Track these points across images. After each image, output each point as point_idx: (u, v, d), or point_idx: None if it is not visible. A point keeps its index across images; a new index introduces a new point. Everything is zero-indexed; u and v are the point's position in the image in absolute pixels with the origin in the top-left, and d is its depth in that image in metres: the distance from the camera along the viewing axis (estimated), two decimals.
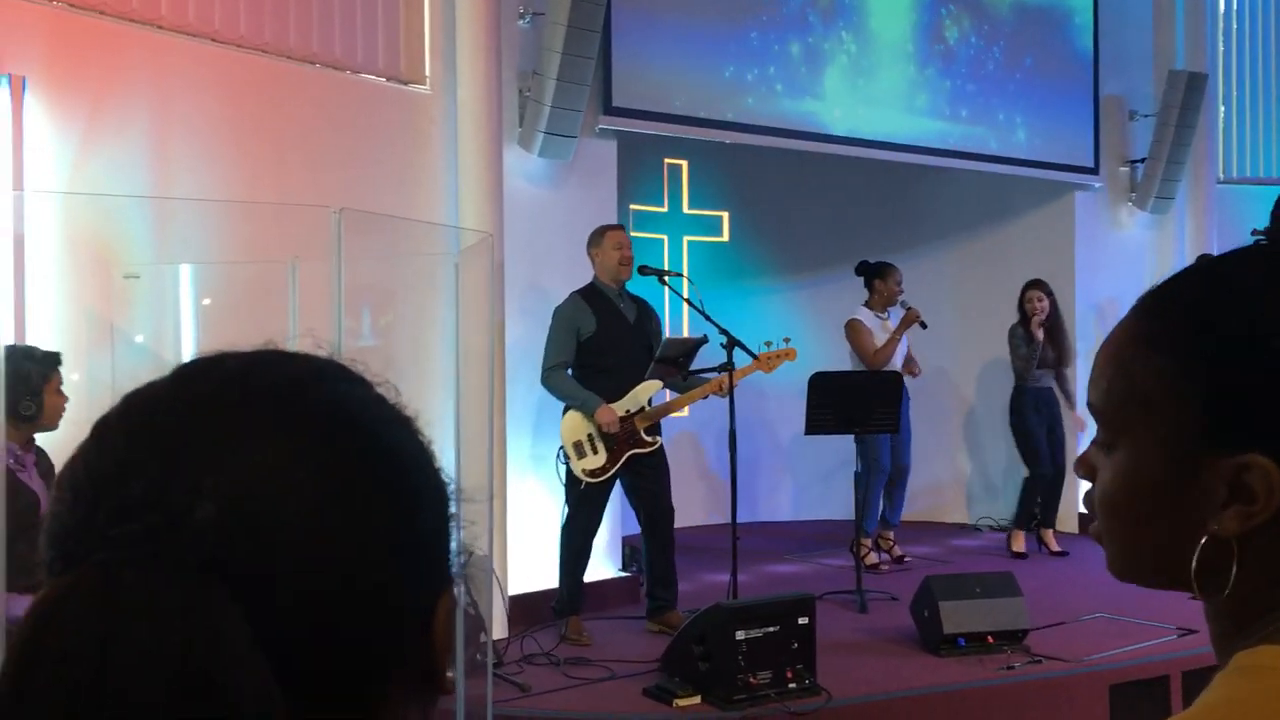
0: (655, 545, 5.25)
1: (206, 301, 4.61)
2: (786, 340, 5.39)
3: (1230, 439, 0.75)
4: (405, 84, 5.45)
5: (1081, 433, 7.31)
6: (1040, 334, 6.96)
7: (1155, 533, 0.80)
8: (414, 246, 5.13)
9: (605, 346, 5.13)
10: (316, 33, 5.08)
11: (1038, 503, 7.17)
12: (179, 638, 0.51)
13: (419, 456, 0.64)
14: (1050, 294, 7.08)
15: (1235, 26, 8.87)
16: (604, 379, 5.11)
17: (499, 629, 5.05)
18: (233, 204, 4.50)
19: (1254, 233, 4.27)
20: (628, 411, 5.12)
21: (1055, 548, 7.13)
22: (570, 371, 5.16)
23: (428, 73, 5.48)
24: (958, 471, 8.65)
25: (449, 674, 0.63)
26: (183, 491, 0.55)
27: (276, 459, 0.57)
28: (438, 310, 5.12)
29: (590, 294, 5.22)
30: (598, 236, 5.31)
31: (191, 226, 4.60)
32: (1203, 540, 0.77)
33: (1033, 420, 7.07)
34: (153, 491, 0.55)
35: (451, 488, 0.66)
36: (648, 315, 5.35)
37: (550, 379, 5.15)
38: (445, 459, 0.66)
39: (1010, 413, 7.18)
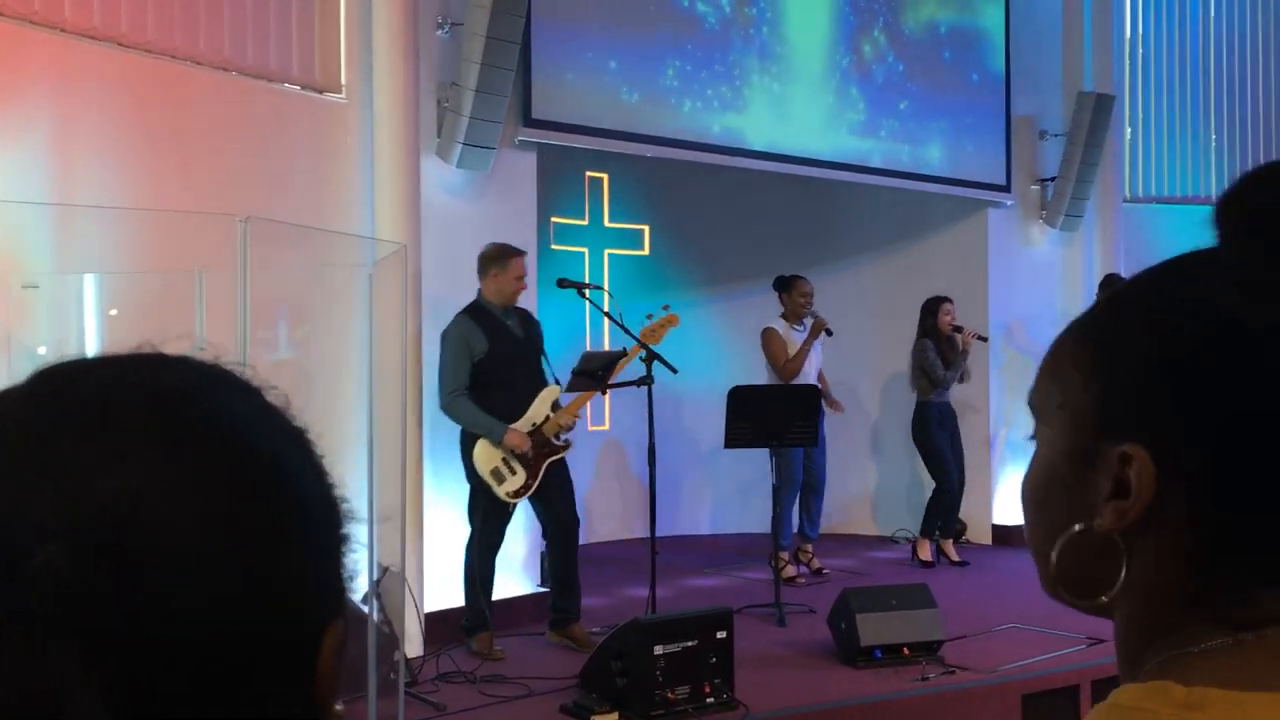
0: (563, 554, 5.20)
1: (113, 312, 4.47)
2: (665, 308, 5.40)
3: (1119, 427, 0.68)
4: (320, 92, 5.36)
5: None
6: (971, 344, 7.07)
7: (1054, 528, 0.71)
8: (328, 257, 5.04)
9: (498, 364, 5.07)
10: (228, 39, 4.97)
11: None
12: (17, 705, 0.47)
13: (308, 475, 0.58)
14: None
15: (1141, 50, 9.13)
16: (501, 395, 5.05)
17: (414, 647, 4.97)
18: (138, 212, 4.37)
19: None
20: (534, 425, 5.07)
21: (955, 558, 7.28)
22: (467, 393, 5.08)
23: (344, 81, 5.39)
24: (871, 484, 8.73)
25: (339, 707, 0.59)
26: (26, 529, 0.49)
27: (143, 486, 0.51)
28: (352, 322, 5.03)
29: (476, 312, 5.15)
30: (501, 259, 5.16)
31: (95, 235, 4.46)
32: (1071, 530, 0.69)
33: (938, 436, 7.18)
34: None
35: (346, 507, 0.60)
36: (532, 326, 5.30)
37: (452, 407, 5.05)
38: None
39: (914, 429, 7.29)
